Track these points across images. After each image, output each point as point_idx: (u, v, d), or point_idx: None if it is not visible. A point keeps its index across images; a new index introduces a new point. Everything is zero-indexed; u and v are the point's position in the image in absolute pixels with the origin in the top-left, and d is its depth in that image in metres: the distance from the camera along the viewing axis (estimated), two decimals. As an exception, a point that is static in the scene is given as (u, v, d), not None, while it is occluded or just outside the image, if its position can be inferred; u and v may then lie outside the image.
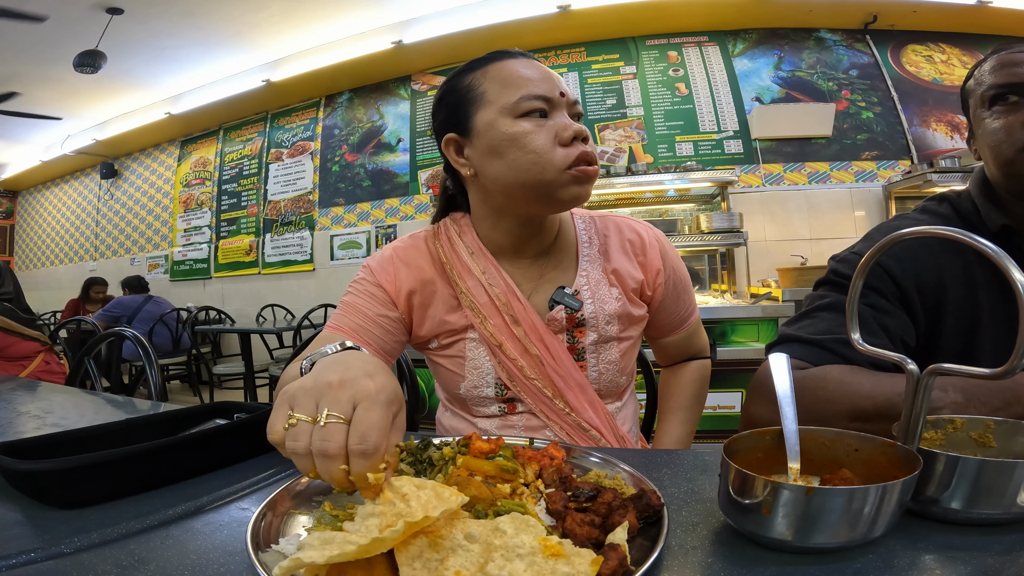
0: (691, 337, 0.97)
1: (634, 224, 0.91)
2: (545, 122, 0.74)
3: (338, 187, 4.63)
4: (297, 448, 0.40)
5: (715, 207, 3.51)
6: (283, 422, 0.41)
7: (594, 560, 0.31)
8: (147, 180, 5.92)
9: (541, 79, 0.75)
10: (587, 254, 0.86)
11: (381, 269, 0.84)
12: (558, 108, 0.75)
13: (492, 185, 0.77)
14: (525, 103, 0.73)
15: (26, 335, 1.90)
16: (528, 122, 0.73)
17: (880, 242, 0.43)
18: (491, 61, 0.78)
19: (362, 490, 0.39)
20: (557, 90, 0.75)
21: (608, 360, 0.84)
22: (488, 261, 0.83)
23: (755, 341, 2.50)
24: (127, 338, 1.35)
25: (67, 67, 3.88)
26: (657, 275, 0.87)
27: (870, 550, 0.36)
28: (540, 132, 0.73)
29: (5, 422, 0.88)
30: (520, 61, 0.77)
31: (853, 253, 0.78)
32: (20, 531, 0.44)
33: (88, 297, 4.69)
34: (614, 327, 0.84)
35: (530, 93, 0.73)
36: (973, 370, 0.38)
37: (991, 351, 0.70)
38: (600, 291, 0.84)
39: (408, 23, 3.94)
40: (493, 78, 0.76)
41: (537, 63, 0.78)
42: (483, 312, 0.81)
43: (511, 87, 0.74)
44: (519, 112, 0.73)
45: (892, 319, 0.71)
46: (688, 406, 0.97)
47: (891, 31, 3.69)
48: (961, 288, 0.72)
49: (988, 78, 0.72)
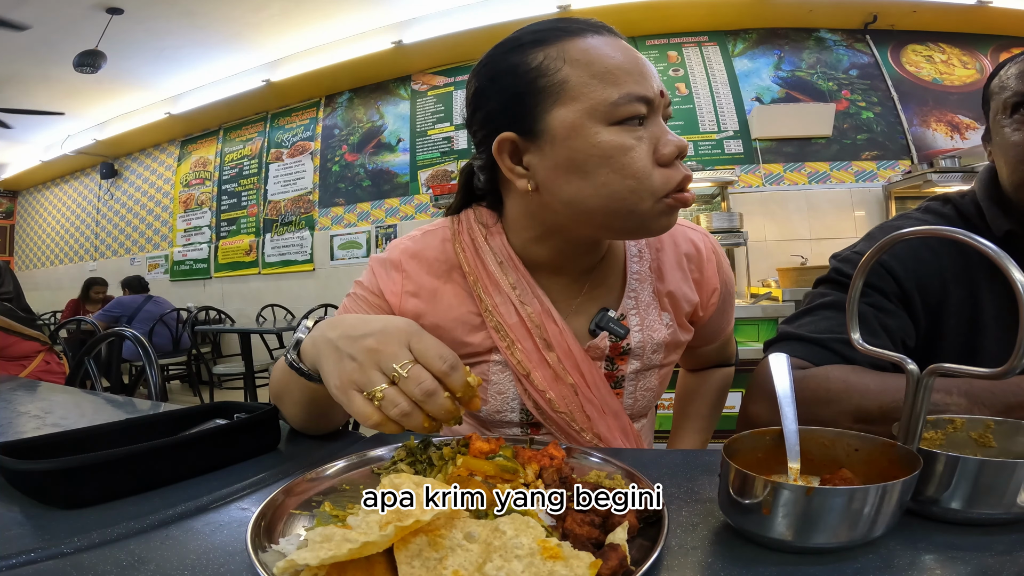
0: (724, 345, 0.91)
1: (690, 233, 0.77)
2: (643, 132, 0.56)
3: (338, 187, 4.63)
4: (403, 409, 0.41)
5: (715, 207, 3.52)
6: (367, 404, 0.42)
7: (592, 563, 0.31)
8: (147, 180, 5.92)
9: (641, 71, 0.56)
10: (636, 271, 0.72)
11: (385, 274, 0.72)
12: (656, 112, 0.58)
13: (562, 207, 0.60)
14: (626, 106, 0.55)
15: (26, 335, 1.90)
16: (628, 133, 0.56)
17: (880, 242, 0.43)
18: (570, 35, 0.58)
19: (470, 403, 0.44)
20: (658, 87, 0.57)
21: (646, 388, 0.75)
22: (520, 275, 0.68)
23: (755, 341, 2.50)
24: (127, 338, 1.35)
25: (67, 67, 3.89)
26: (712, 294, 0.76)
27: (870, 550, 0.36)
28: (640, 147, 0.56)
29: (5, 422, 0.87)
30: (609, 40, 0.58)
31: (855, 252, 0.77)
32: (20, 531, 0.44)
33: (88, 297, 4.69)
34: (659, 355, 0.73)
35: (633, 93, 0.55)
36: (973, 370, 0.38)
37: (995, 353, 0.70)
38: (650, 316, 0.72)
39: (408, 23, 3.94)
40: (577, 61, 0.56)
41: (626, 44, 0.59)
42: (511, 335, 0.67)
43: (607, 80, 0.55)
44: (617, 118, 0.55)
45: (893, 319, 0.71)
46: (707, 415, 0.92)
47: (891, 31, 3.69)
48: (963, 289, 0.71)
49: (1013, 83, 0.69)
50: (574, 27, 0.59)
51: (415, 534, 0.33)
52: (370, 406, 0.43)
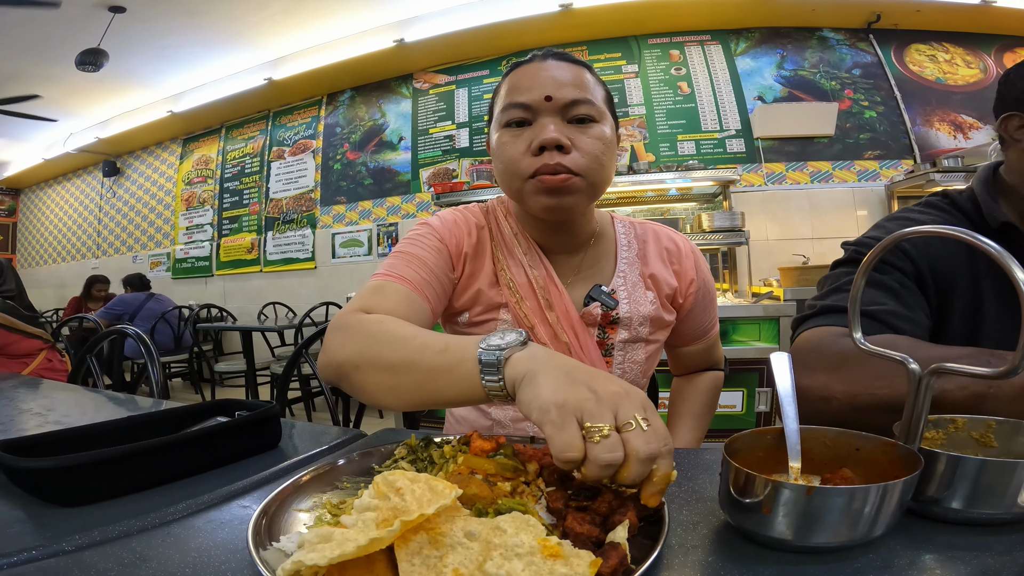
0: (710, 349, 0.98)
1: (672, 234, 0.92)
2: (523, 131, 0.74)
3: (340, 185, 4.63)
4: (616, 458, 0.37)
5: (717, 206, 3.51)
6: (578, 434, 0.39)
7: (592, 562, 0.31)
8: (149, 178, 5.93)
9: (529, 86, 0.73)
10: (625, 257, 0.87)
11: (446, 228, 0.83)
12: (544, 114, 0.73)
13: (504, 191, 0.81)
14: (505, 114, 0.75)
15: (28, 333, 1.90)
16: (507, 133, 0.75)
17: (883, 241, 0.43)
18: (514, 68, 0.78)
19: (652, 496, 0.39)
20: (543, 95, 0.72)
21: (634, 360, 0.86)
22: (530, 244, 0.84)
23: (756, 340, 2.49)
24: (129, 336, 1.35)
25: (69, 65, 3.89)
26: (690, 284, 0.89)
27: (870, 550, 0.36)
28: (515, 142, 0.74)
29: (7, 420, 0.88)
30: (528, 68, 0.76)
31: (869, 237, 0.80)
32: (22, 529, 0.44)
33: (90, 295, 4.70)
34: (645, 328, 0.85)
35: (512, 102, 0.74)
36: (975, 370, 0.38)
37: (995, 337, 0.72)
38: (636, 293, 0.85)
39: (410, 21, 3.94)
40: (502, 89, 0.78)
41: (545, 65, 0.76)
42: (520, 292, 0.81)
43: (504, 98, 0.76)
44: (502, 123, 0.75)
45: (918, 298, 0.73)
46: (700, 413, 0.97)
47: (894, 30, 3.68)
48: (967, 275, 0.74)
49: None
50: (516, 64, 0.78)
51: (415, 532, 0.33)
52: (579, 436, 0.39)
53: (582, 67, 0.77)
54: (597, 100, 0.75)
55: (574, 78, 0.74)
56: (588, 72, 0.78)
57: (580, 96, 0.73)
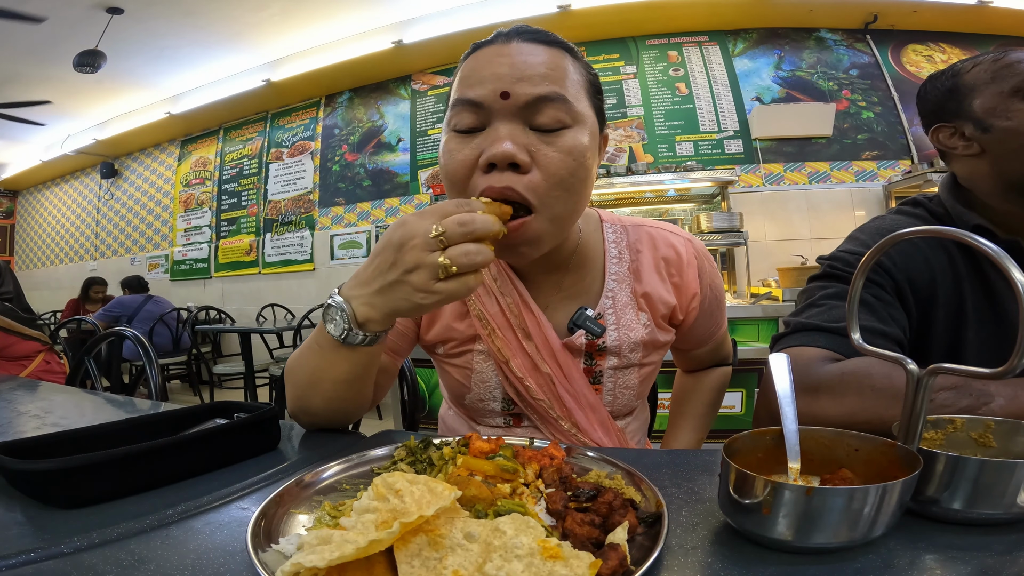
0: (718, 347, 0.91)
1: (671, 238, 0.78)
2: (473, 138, 0.59)
3: (338, 187, 4.63)
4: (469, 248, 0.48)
5: (715, 207, 3.52)
6: (435, 272, 0.48)
7: (592, 563, 0.31)
8: (147, 180, 5.92)
9: (482, 78, 0.58)
10: (615, 272, 0.75)
11: None
12: (498, 116, 0.57)
13: None
14: (452, 113, 0.60)
15: (26, 335, 1.90)
16: (454, 139, 0.60)
17: (881, 241, 0.43)
18: (468, 54, 0.63)
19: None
20: (498, 89, 0.56)
21: (625, 385, 0.76)
22: (500, 266, 0.73)
23: (755, 341, 2.50)
24: (127, 338, 1.35)
25: (67, 67, 3.89)
26: (692, 299, 0.77)
27: (870, 550, 0.36)
28: (461, 151, 0.59)
29: (5, 422, 0.87)
30: (485, 52, 0.61)
31: (843, 251, 0.78)
32: (20, 531, 0.44)
33: (88, 297, 4.69)
34: (637, 354, 0.75)
35: (461, 97, 0.59)
36: (974, 370, 0.38)
37: (976, 345, 0.71)
38: (626, 316, 0.74)
39: (408, 23, 3.94)
40: (455, 78, 0.63)
41: (509, 48, 0.60)
42: (492, 323, 0.72)
43: (454, 91, 0.61)
44: (450, 125, 0.61)
45: (894, 311, 0.72)
46: (703, 414, 0.93)
47: (891, 31, 3.69)
48: (948, 282, 0.73)
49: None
50: (483, 42, 0.63)
51: (415, 533, 0.33)
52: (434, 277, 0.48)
53: (558, 48, 0.61)
54: (573, 95, 0.59)
55: (545, 65, 0.58)
56: (567, 55, 0.61)
57: (548, 92, 0.57)
